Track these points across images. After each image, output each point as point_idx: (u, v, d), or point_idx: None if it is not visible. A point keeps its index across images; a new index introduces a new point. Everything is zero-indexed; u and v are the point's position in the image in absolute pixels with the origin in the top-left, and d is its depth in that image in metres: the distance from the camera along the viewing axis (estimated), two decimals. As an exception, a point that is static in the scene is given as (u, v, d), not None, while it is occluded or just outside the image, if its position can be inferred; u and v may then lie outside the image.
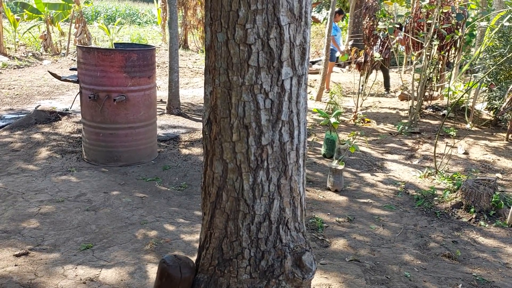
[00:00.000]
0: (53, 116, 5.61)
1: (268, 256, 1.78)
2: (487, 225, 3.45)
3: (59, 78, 4.47)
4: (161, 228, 3.14)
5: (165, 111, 6.40)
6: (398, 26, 7.81)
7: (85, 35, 12.89)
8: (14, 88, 8.02)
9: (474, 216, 3.53)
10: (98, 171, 4.17)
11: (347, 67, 12.29)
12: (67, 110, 6.02)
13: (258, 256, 1.78)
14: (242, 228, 1.78)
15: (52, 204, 3.44)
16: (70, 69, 4.64)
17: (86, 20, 15.08)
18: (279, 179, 1.76)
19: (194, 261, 1.99)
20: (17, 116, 5.93)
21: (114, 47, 4.77)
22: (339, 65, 12.37)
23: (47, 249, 2.80)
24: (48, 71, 4.96)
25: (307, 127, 6.04)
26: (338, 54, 8.45)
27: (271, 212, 1.78)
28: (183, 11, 14.47)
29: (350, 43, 11.52)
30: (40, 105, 6.17)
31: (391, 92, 9.05)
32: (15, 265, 2.60)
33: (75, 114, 5.73)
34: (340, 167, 4.03)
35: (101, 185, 3.84)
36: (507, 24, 4.65)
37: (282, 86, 1.68)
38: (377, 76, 8.07)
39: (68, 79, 4.40)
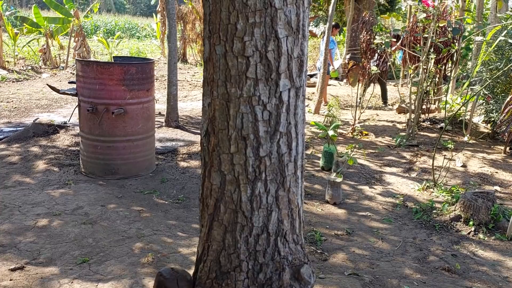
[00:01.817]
0: (51, 129, 5.61)
1: (266, 269, 1.76)
2: (486, 238, 3.43)
3: (57, 91, 4.49)
4: (159, 241, 3.12)
5: (164, 124, 6.41)
6: (396, 36, 7.89)
7: (84, 49, 12.97)
8: (12, 101, 8.03)
9: (473, 229, 3.52)
10: (95, 184, 4.15)
11: (344, 80, 12.36)
12: (65, 123, 6.02)
13: (256, 268, 1.76)
14: (240, 241, 1.77)
15: (48, 217, 3.41)
16: (69, 82, 4.66)
17: (85, 34, 15.19)
18: (277, 191, 1.76)
19: (192, 274, 1.97)
20: (15, 129, 5.92)
21: (113, 61, 4.79)
22: (336, 78, 12.45)
23: (43, 263, 2.77)
24: (47, 84, 4.98)
25: (305, 140, 6.06)
26: (331, 68, 8.52)
27: (269, 224, 1.77)
28: (182, 25, 14.60)
29: (348, 56, 11.62)
30: (38, 118, 6.18)
31: (389, 105, 9.09)
32: (10, 280, 2.57)
33: (73, 127, 5.73)
34: (339, 179, 4.03)
35: (98, 198, 3.82)
36: (503, 38, 4.70)
37: (280, 97, 1.70)
38: (374, 89, 8.12)
39: (66, 92, 4.41)
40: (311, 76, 12.96)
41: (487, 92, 6.14)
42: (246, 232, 1.75)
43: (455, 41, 6.36)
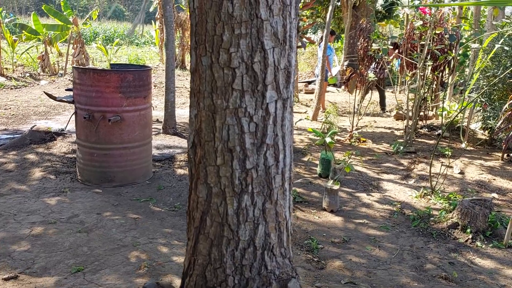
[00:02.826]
0: (48, 137, 5.59)
1: (253, 284, 1.73)
2: (484, 246, 3.41)
3: (54, 98, 4.48)
4: (154, 250, 3.10)
5: (161, 131, 6.40)
6: (394, 44, 7.92)
7: (83, 56, 13.00)
8: (10, 108, 8.02)
9: (470, 236, 3.50)
10: (91, 192, 4.13)
11: (342, 86, 12.39)
12: (62, 130, 6.01)
13: (242, 283, 1.73)
14: (226, 255, 1.73)
15: (44, 225, 3.39)
16: (66, 90, 4.65)
17: (84, 40, 15.21)
18: (264, 204, 1.73)
19: (178, 288, 1.95)
20: (12, 136, 5.91)
21: (110, 68, 4.79)
22: (335, 85, 12.48)
23: (37, 272, 2.75)
24: (44, 92, 4.97)
25: (303, 147, 6.06)
26: (329, 75, 8.55)
27: (256, 237, 1.74)
28: (180, 32, 14.65)
29: (346, 63, 11.66)
30: (35, 125, 6.16)
31: (387, 111, 9.11)
32: (4, 289, 2.55)
33: (70, 134, 5.72)
34: (336, 187, 4.01)
35: (94, 206, 3.80)
36: (499, 46, 4.71)
37: (267, 109, 1.68)
38: (372, 96, 8.13)
39: (63, 99, 4.41)
40: (310, 82, 13.00)
41: (484, 100, 6.15)
42: (232, 246, 1.72)
43: (451, 48, 6.38)
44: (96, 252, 3.04)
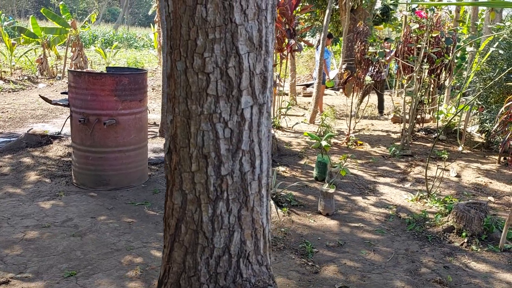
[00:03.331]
0: (44, 140, 5.58)
1: None
2: (479, 250, 3.40)
3: (50, 102, 4.47)
4: (148, 254, 3.08)
5: (158, 134, 6.39)
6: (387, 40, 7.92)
7: (81, 59, 13.01)
8: (7, 111, 8.01)
9: (466, 240, 3.49)
10: (86, 195, 4.12)
11: (340, 89, 12.39)
12: (59, 133, 6.00)
13: None
14: (201, 263, 1.70)
15: (37, 229, 3.38)
16: (61, 93, 4.65)
17: (83, 44, 15.22)
18: (240, 211, 1.70)
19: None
20: (8, 139, 5.90)
21: (106, 71, 4.79)
22: (333, 88, 12.48)
23: (29, 277, 2.73)
24: (39, 95, 4.97)
25: (300, 150, 6.05)
26: (326, 78, 8.55)
27: (231, 245, 1.71)
28: (179, 35, 14.63)
29: (344, 66, 11.66)
30: (32, 129, 6.16)
31: (385, 114, 9.11)
32: (-5, 294, 2.53)
33: (66, 137, 5.71)
34: (331, 190, 4.00)
35: (89, 210, 3.79)
36: (494, 49, 4.71)
37: (242, 115, 1.66)
38: (369, 99, 8.13)
39: (58, 102, 4.40)
40: (308, 85, 13.01)
41: (480, 102, 6.15)
42: (207, 253, 1.69)
43: (448, 51, 6.39)
44: (89, 256, 3.02)
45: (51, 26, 14.34)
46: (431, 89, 7.10)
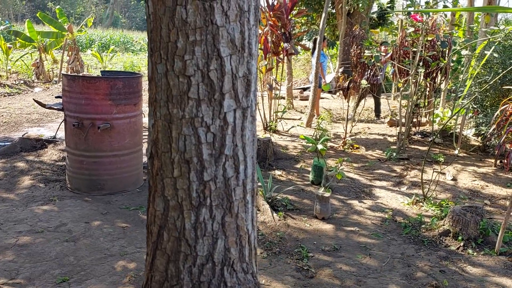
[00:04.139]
0: (39, 144, 5.55)
1: None
2: (475, 254, 3.39)
3: (44, 106, 4.45)
4: (142, 259, 3.06)
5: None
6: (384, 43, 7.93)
7: (78, 63, 12.98)
8: (2, 115, 7.97)
9: (462, 244, 3.48)
10: (81, 200, 4.09)
11: (337, 93, 12.40)
12: (53, 137, 5.97)
13: None
14: (183, 271, 1.65)
15: (30, 235, 3.35)
16: (56, 97, 4.62)
17: (80, 47, 15.19)
18: (224, 217, 1.66)
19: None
20: (3, 144, 5.86)
21: (101, 75, 4.77)
22: (329, 92, 12.49)
23: (20, 283, 2.70)
24: (33, 99, 4.94)
25: (296, 154, 6.04)
26: (322, 81, 8.56)
27: (214, 252, 1.67)
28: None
29: (341, 70, 11.68)
30: (27, 133, 6.12)
31: (381, 118, 9.11)
32: (-14, 300, 2.50)
33: (61, 142, 5.68)
34: (327, 194, 3.99)
35: (83, 215, 3.76)
36: (489, 52, 4.72)
37: (225, 119, 1.62)
38: (365, 102, 8.13)
39: (52, 106, 4.38)
40: (305, 89, 13.02)
41: (476, 106, 6.16)
42: (189, 261, 1.64)
43: (444, 54, 6.40)
44: (82, 262, 2.99)
45: (48, 30, 14.32)
46: (427, 93, 7.11)
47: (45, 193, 4.24)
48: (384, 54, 6.62)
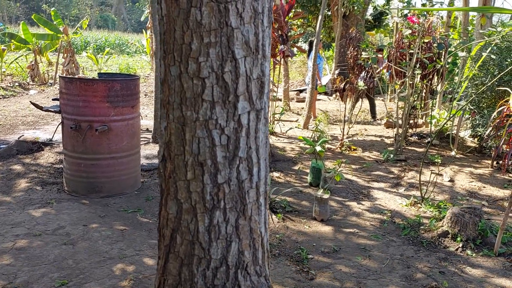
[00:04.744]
0: (35, 147, 5.52)
1: None
2: (474, 254, 3.40)
3: (41, 108, 4.42)
4: (141, 262, 3.04)
5: (151, 140, 6.35)
6: (378, 50, 7.97)
7: (73, 65, 12.92)
8: (-2, 118, 7.92)
9: (461, 245, 3.49)
10: (78, 203, 4.06)
11: (333, 95, 12.43)
12: (50, 140, 5.93)
13: None
14: (197, 274, 1.64)
15: (28, 238, 3.32)
16: (53, 99, 4.60)
17: (75, 50, 15.13)
18: (237, 220, 1.65)
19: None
20: (-1, 146, 5.82)
21: (98, 77, 4.75)
22: (326, 93, 12.52)
23: (19, 287, 2.67)
24: (30, 102, 4.91)
25: (294, 156, 6.04)
26: (318, 83, 8.57)
27: (228, 256, 1.66)
28: (171, 41, 14.60)
29: (337, 72, 11.71)
30: (23, 136, 6.08)
31: (378, 119, 9.14)
32: (-16, 305, 2.47)
33: (58, 144, 5.64)
34: (326, 196, 3.99)
35: (81, 218, 3.73)
36: (486, 54, 4.75)
37: (239, 121, 1.61)
38: (362, 104, 8.15)
39: (50, 109, 4.35)
40: (301, 91, 13.04)
41: (472, 107, 6.19)
42: (203, 265, 1.63)
43: (440, 56, 6.43)
44: (81, 265, 2.97)
45: (43, 32, 14.25)
46: (424, 94, 7.14)
47: (42, 196, 4.21)
48: (380, 56, 6.64)
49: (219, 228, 1.63)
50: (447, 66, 6.75)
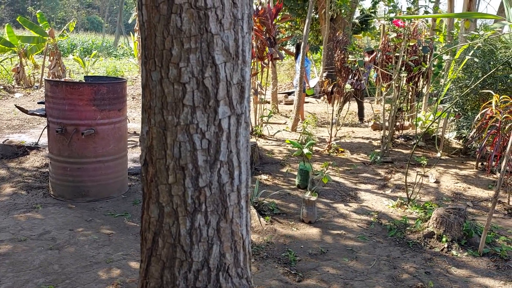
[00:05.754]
0: (20, 151, 5.45)
1: None
2: (459, 255, 3.45)
3: (26, 112, 4.38)
4: (127, 266, 3.02)
5: (138, 144, 6.31)
6: (370, 51, 8.05)
7: (60, 68, 12.80)
8: (-18, 121, 7.80)
9: (446, 245, 3.54)
10: (64, 207, 4.02)
11: (321, 97, 12.51)
12: (36, 144, 5.86)
13: None
14: (179, 277, 1.65)
15: (13, 243, 3.27)
16: (38, 103, 4.55)
17: (62, 52, 14.99)
18: (219, 223, 1.67)
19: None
20: (-17, 150, 5.73)
21: (84, 80, 4.72)
22: (314, 96, 12.59)
23: (3, 293, 2.64)
24: (15, 105, 4.85)
25: (282, 158, 6.06)
26: (306, 86, 8.63)
27: (210, 258, 1.67)
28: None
29: (325, 74, 11.79)
30: (8, 139, 6.00)
31: (365, 122, 9.22)
32: (-33, 312, 2.43)
33: (44, 148, 5.58)
34: (313, 198, 4.01)
35: (67, 222, 3.70)
36: (469, 57, 4.84)
37: (220, 125, 1.63)
38: (350, 106, 8.23)
39: (35, 112, 4.31)
40: (289, 94, 13.09)
41: (457, 110, 6.29)
42: (185, 267, 1.65)
43: (425, 59, 6.52)
44: (67, 270, 2.94)
45: (28, 34, 14.08)
46: (410, 97, 7.23)
47: (27, 200, 4.16)
48: (368, 58, 6.71)
49: (201, 231, 1.65)
50: (432, 69, 6.85)
